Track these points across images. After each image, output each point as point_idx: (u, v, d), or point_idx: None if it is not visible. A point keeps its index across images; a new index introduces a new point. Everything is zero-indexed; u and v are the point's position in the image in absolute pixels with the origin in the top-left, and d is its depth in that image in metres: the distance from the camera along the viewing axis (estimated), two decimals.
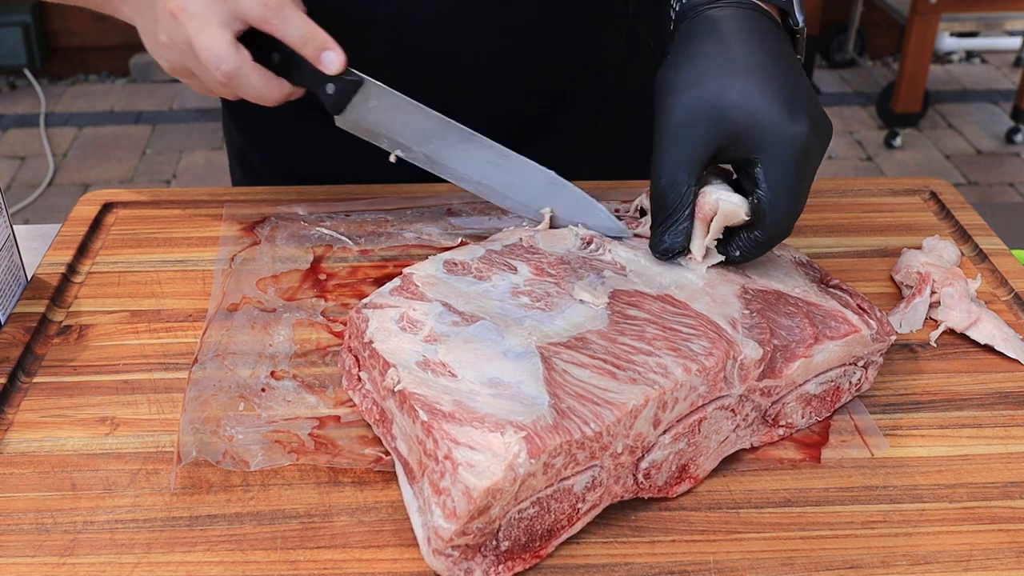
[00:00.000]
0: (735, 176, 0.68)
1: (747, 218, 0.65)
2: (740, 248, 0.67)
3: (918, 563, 0.57)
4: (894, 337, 0.68)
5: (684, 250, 0.67)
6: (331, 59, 0.70)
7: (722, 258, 0.68)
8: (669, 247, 0.66)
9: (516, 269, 0.68)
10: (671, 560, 0.57)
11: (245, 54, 0.70)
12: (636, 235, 0.73)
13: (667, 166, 0.63)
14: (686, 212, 0.64)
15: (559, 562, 0.57)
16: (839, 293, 0.70)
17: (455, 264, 0.68)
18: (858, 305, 0.68)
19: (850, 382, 0.67)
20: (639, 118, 1.02)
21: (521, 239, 0.72)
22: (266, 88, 0.72)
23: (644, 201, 0.75)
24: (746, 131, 0.62)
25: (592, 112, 0.97)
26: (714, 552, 0.57)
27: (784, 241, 0.77)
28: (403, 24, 0.86)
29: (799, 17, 0.70)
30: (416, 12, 0.85)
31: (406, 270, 0.68)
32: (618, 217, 0.74)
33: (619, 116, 1.00)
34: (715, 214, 0.65)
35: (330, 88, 0.73)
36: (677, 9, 0.71)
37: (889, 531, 0.59)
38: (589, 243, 0.71)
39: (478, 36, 0.88)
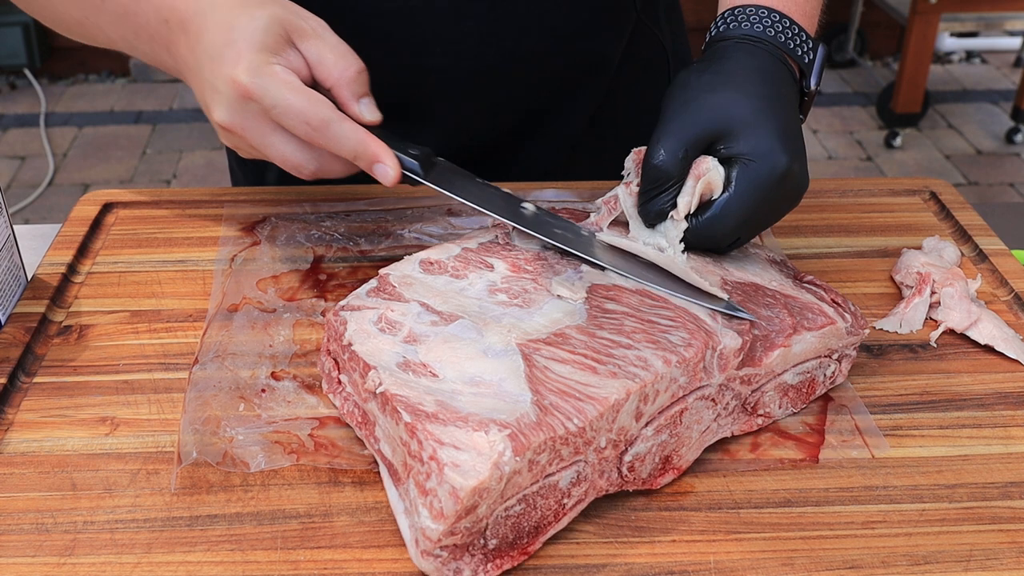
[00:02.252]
0: None
1: (716, 196, 0.67)
2: (690, 243, 0.68)
3: (918, 563, 0.57)
4: (867, 331, 0.69)
5: (669, 211, 0.68)
6: (384, 172, 0.68)
7: (685, 225, 0.68)
8: (661, 208, 0.68)
9: (493, 267, 0.68)
10: (671, 560, 0.57)
11: (318, 149, 0.69)
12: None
13: (670, 144, 0.66)
14: (676, 184, 0.67)
15: (559, 562, 0.57)
16: (814, 288, 0.71)
17: (431, 263, 0.68)
18: (832, 299, 0.69)
19: (824, 375, 0.68)
20: (639, 114, 1.02)
21: (497, 236, 0.72)
22: (353, 167, 0.71)
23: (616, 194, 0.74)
24: (740, 136, 0.66)
25: (592, 107, 0.98)
26: (714, 552, 0.57)
27: (778, 239, 0.76)
28: (410, 17, 0.86)
29: (813, 81, 0.73)
30: (423, 5, 0.85)
31: (382, 271, 0.68)
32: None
33: (619, 112, 1.00)
34: (707, 173, 0.67)
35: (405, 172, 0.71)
36: (713, 33, 0.74)
37: (889, 531, 0.59)
38: None
39: (483, 29, 0.88)
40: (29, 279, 0.79)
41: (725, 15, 0.73)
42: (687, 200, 0.67)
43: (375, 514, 0.59)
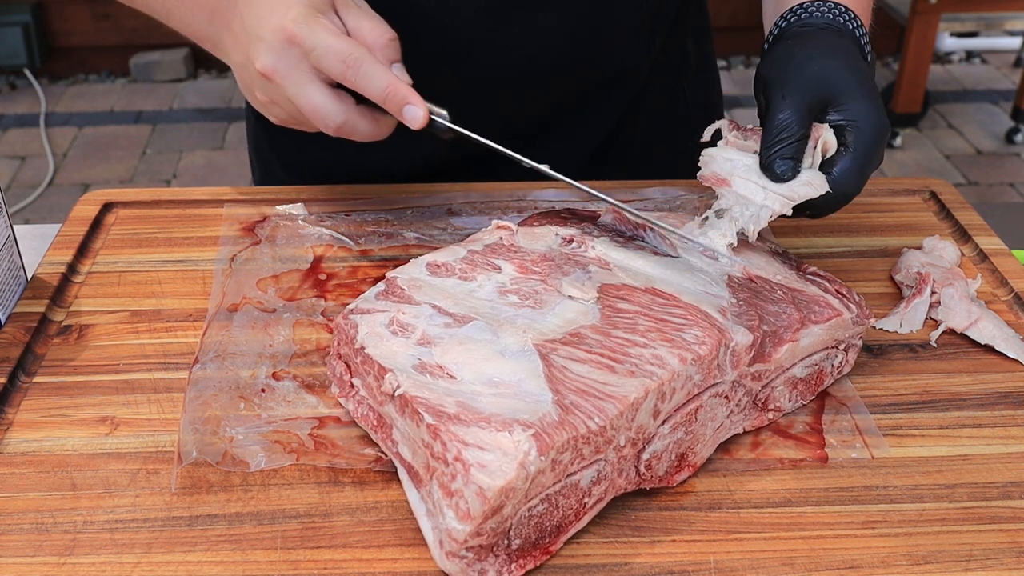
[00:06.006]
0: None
1: (834, 150, 0.70)
2: (816, 204, 0.71)
3: (918, 563, 0.57)
4: (872, 320, 0.70)
5: (794, 170, 0.70)
6: (412, 114, 0.70)
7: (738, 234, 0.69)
8: (785, 166, 0.70)
9: (500, 268, 0.68)
10: (671, 560, 0.57)
11: (349, 102, 0.71)
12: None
13: (795, 102, 0.71)
14: (793, 140, 0.70)
15: (559, 562, 0.57)
16: (817, 280, 0.71)
17: (438, 266, 0.68)
18: (836, 290, 0.70)
19: (832, 365, 0.69)
20: (658, 131, 1.03)
21: (501, 238, 0.72)
22: (376, 129, 0.73)
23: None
24: (849, 102, 0.71)
25: (612, 121, 0.99)
26: (714, 552, 0.57)
27: (779, 239, 0.76)
28: (445, 19, 0.87)
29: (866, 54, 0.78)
30: (460, 8, 0.86)
31: (389, 274, 0.68)
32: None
33: (639, 129, 1.01)
34: (823, 134, 0.70)
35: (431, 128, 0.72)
36: (792, 21, 0.78)
37: (889, 531, 0.59)
38: (570, 241, 0.71)
39: (518, 34, 0.89)
40: (29, 279, 0.79)
41: (804, 5, 0.77)
42: (810, 160, 0.70)
43: (375, 514, 0.59)
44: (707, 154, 0.74)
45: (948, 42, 4.06)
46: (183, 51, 3.82)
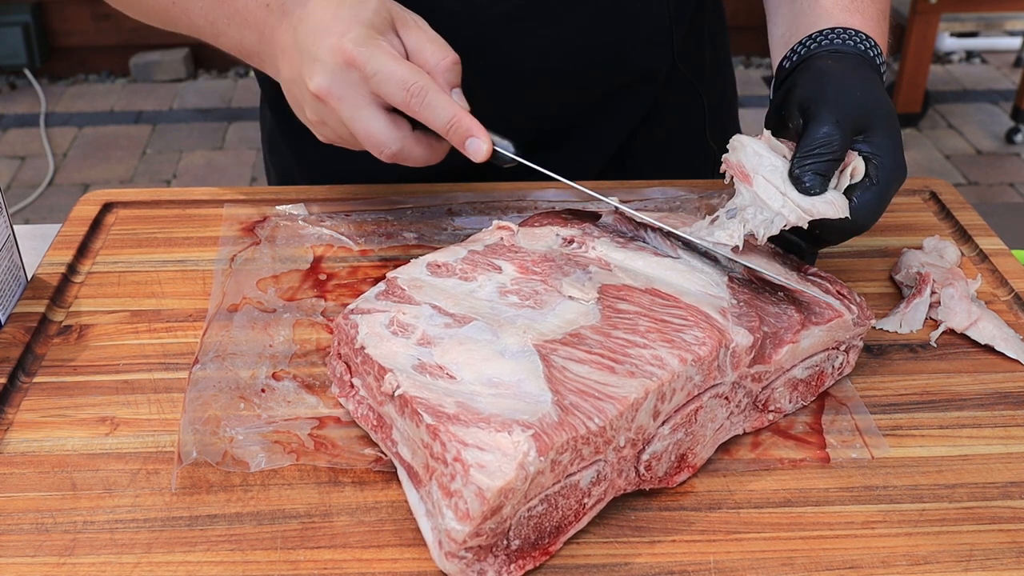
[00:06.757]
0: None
1: (859, 179, 0.70)
2: (830, 226, 0.70)
3: (918, 563, 0.57)
4: (873, 321, 0.70)
5: (822, 186, 0.69)
6: (476, 147, 0.69)
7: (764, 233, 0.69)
8: (815, 180, 0.69)
9: (501, 268, 0.68)
10: (671, 560, 0.57)
11: (404, 128, 0.70)
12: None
13: (838, 119, 0.69)
14: (831, 158, 0.69)
15: (559, 562, 0.57)
16: (818, 280, 0.71)
17: (439, 266, 0.68)
18: (837, 291, 0.70)
19: (833, 366, 0.69)
20: (672, 140, 1.03)
21: (502, 238, 0.72)
22: (431, 154, 0.72)
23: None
24: (879, 135, 0.71)
25: (629, 126, 0.99)
26: (714, 552, 0.57)
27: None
28: (469, 21, 0.86)
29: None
30: (480, 11, 0.86)
31: (389, 274, 0.68)
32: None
33: (657, 129, 1.01)
34: (853, 161, 0.70)
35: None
36: (823, 44, 0.77)
37: (889, 531, 0.59)
38: (571, 242, 0.71)
39: (540, 37, 0.88)
40: (29, 279, 0.79)
41: (836, 31, 0.77)
42: (836, 181, 0.69)
43: (375, 514, 0.59)
44: (738, 140, 0.72)
45: (948, 42, 4.06)
46: (183, 51, 3.82)
